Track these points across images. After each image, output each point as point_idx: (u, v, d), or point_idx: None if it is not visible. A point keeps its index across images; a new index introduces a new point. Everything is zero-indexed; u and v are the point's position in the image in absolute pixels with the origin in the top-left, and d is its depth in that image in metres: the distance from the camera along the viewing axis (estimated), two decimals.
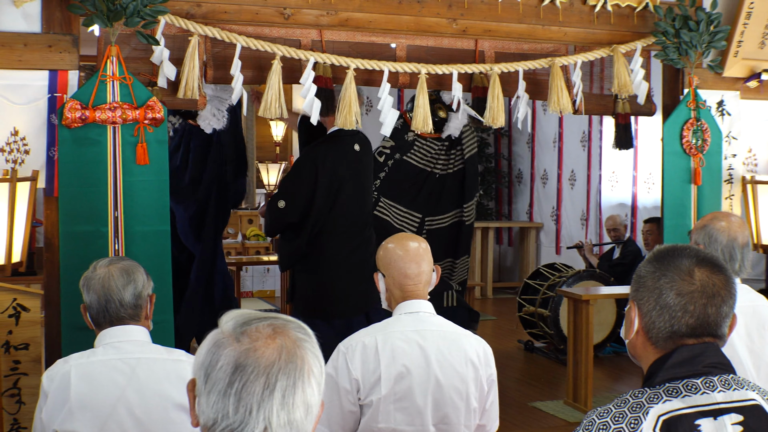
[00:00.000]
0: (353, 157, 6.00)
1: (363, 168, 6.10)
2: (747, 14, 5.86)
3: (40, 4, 4.53)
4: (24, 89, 4.50)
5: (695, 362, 2.05)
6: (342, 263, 5.89)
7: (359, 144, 6.05)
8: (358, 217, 6.03)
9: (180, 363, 3.14)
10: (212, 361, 1.65)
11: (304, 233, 5.88)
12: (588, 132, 11.74)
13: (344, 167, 5.94)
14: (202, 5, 4.81)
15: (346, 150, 5.98)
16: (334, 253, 5.89)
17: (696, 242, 3.75)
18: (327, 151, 5.95)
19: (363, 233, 6.06)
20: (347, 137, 5.96)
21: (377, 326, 3.35)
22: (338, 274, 5.88)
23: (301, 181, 5.95)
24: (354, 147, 6.01)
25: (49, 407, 3.04)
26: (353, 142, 6.01)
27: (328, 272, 5.87)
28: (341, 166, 5.93)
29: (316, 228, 5.88)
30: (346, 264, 5.90)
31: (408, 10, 5.21)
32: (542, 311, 8.78)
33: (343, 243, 5.91)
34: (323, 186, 5.85)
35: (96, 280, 3.19)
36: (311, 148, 6.14)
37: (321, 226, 5.89)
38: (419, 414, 3.24)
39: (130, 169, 4.50)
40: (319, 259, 5.88)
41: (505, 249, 13.68)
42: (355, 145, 6.02)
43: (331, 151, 5.94)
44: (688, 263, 2.10)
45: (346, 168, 5.95)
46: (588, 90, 5.95)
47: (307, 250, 5.92)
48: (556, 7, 5.50)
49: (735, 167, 6.18)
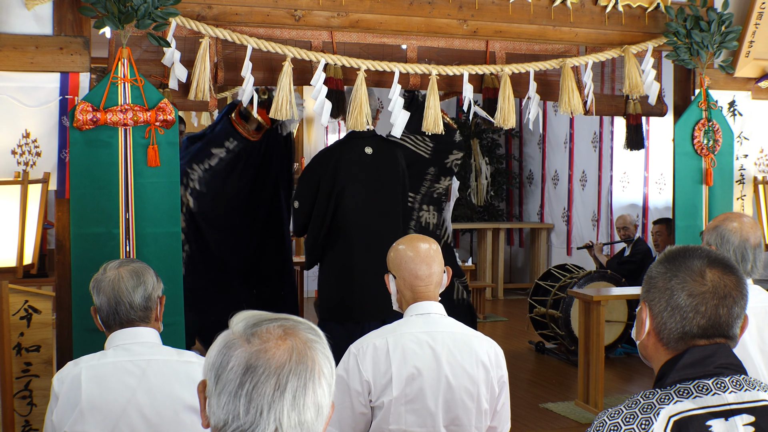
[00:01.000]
0: (363, 160, 5.95)
1: (375, 172, 6.02)
2: (759, 14, 5.84)
3: (51, 6, 4.54)
4: (35, 91, 4.51)
5: (706, 363, 2.04)
6: (356, 267, 5.87)
7: (372, 147, 5.99)
8: (374, 222, 5.96)
9: (190, 364, 3.14)
10: (223, 363, 1.65)
11: (314, 233, 5.90)
12: (599, 133, 11.72)
13: (351, 170, 5.90)
14: (213, 7, 4.82)
15: (354, 153, 5.94)
16: (347, 257, 5.87)
17: (708, 243, 3.74)
18: (333, 153, 5.96)
19: (383, 238, 5.83)
20: (359, 140, 5.93)
21: (388, 328, 3.35)
22: (352, 279, 5.86)
23: (307, 182, 5.98)
24: (365, 150, 5.96)
25: (60, 409, 3.04)
26: (364, 145, 5.96)
27: (340, 276, 5.85)
28: (347, 169, 5.89)
29: (323, 229, 5.88)
30: (361, 268, 5.87)
31: (419, 11, 5.21)
32: (553, 312, 8.77)
33: (358, 247, 5.87)
34: (323, 188, 5.87)
35: (106, 282, 3.19)
36: (321, 151, 6.15)
37: (329, 228, 5.89)
38: (430, 416, 3.24)
39: (141, 171, 4.51)
40: (332, 263, 5.88)
41: (516, 250, 13.66)
42: (367, 148, 5.97)
43: (337, 154, 5.94)
44: (699, 264, 2.09)
45: (356, 171, 5.91)
46: (599, 91, 5.94)
47: (322, 252, 5.94)
48: (567, 7, 5.49)
49: (746, 167, 6.16)
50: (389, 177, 6.10)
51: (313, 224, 5.91)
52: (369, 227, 5.93)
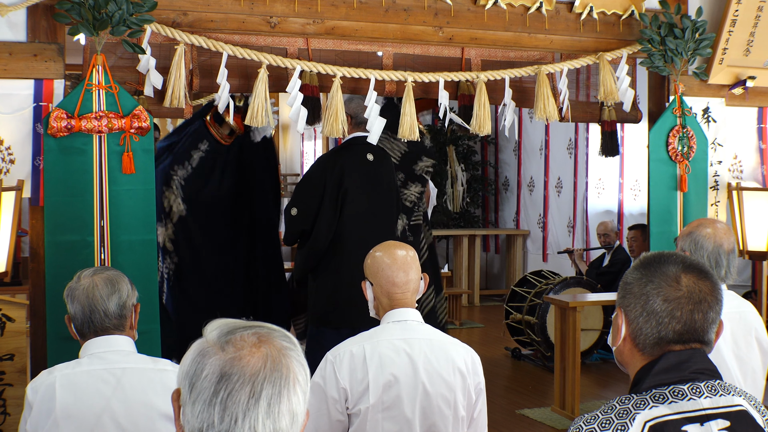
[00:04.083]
0: (366, 166, 5.87)
1: (378, 178, 5.95)
2: (732, 21, 5.89)
3: (25, 13, 4.52)
4: (9, 98, 4.49)
5: (682, 368, 2.05)
6: (354, 274, 5.78)
7: (373, 154, 5.94)
8: (374, 228, 5.89)
9: (165, 372, 3.13)
10: (197, 371, 1.64)
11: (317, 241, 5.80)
12: (574, 139, 11.78)
13: (354, 176, 5.81)
14: (188, 14, 4.81)
15: (357, 159, 5.84)
16: (345, 263, 5.81)
17: (682, 249, 3.76)
18: (337, 159, 5.86)
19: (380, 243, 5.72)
20: (360, 146, 5.85)
21: (365, 335, 3.34)
22: (350, 285, 5.78)
23: (310, 188, 5.86)
24: (367, 156, 5.89)
25: (34, 418, 3.02)
26: (366, 152, 5.90)
27: (339, 282, 5.79)
28: (351, 175, 5.79)
29: (330, 236, 5.78)
30: (359, 275, 5.76)
31: (394, 18, 5.21)
32: (529, 318, 8.79)
33: (355, 253, 5.79)
34: (330, 194, 5.76)
35: (80, 291, 3.17)
36: (323, 156, 6.10)
37: (332, 235, 5.81)
38: (407, 423, 3.23)
39: (116, 178, 4.49)
40: (330, 269, 5.82)
41: (492, 256, 13.69)
42: (368, 155, 5.90)
43: (341, 160, 5.83)
44: (674, 269, 2.10)
45: (357, 177, 5.83)
46: (574, 97, 5.96)
47: (320, 260, 5.86)
48: (543, 15, 5.51)
49: (720, 174, 6.20)
50: (388, 184, 6.05)
51: (317, 232, 5.77)
52: (368, 234, 5.84)
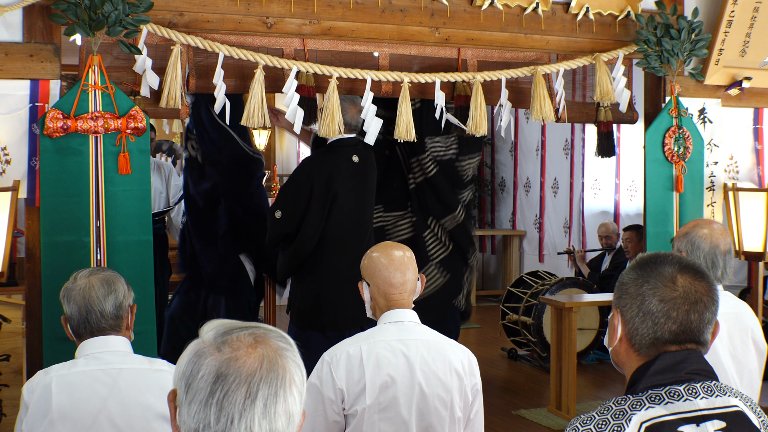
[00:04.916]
0: (351, 168, 5.85)
1: (362, 180, 5.91)
2: (728, 22, 5.89)
3: (21, 13, 4.51)
4: (5, 99, 4.48)
5: (678, 369, 2.05)
6: (340, 275, 5.76)
7: (358, 155, 5.89)
8: (358, 230, 5.88)
9: (162, 373, 3.13)
10: (193, 371, 1.64)
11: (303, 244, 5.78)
12: (570, 140, 11.77)
13: (341, 178, 5.79)
14: (184, 14, 4.80)
15: (343, 161, 5.82)
16: (332, 265, 5.79)
17: (678, 249, 3.77)
18: (324, 161, 5.84)
19: (363, 246, 5.78)
20: (346, 148, 5.82)
21: (362, 336, 3.34)
22: (336, 287, 5.77)
23: (296, 191, 5.83)
24: (353, 158, 5.85)
25: (30, 419, 3.02)
26: (352, 153, 5.87)
27: (325, 284, 5.77)
28: (337, 177, 5.77)
29: (315, 238, 5.76)
30: (344, 276, 5.75)
31: (391, 19, 5.21)
32: (525, 319, 8.79)
33: (341, 255, 5.78)
34: (318, 196, 5.74)
35: (76, 291, 3.17)
36: (308, 158, 6.08)
37: (318, 238, 5.79)
38: (404, 424, 3.23)
39: (112, 178, 4.48)
40: (316, 271, 5.79)
41: (488, 257, 13.69)
42: (354, 157, 5.85)
43: (328, 162, 5.81)
44: (670, 270, 2.10)
45: (344, 179, 5.80)
46: (570, 98, 5.96)
47: (304, 262, 5.83)
48: (539, 15, 5.51)
49: (717, 174, 6.21)
50: (371, 186, 6.05)
51: (304, 234, 5.75)
52: (354, 235, 5.86)
